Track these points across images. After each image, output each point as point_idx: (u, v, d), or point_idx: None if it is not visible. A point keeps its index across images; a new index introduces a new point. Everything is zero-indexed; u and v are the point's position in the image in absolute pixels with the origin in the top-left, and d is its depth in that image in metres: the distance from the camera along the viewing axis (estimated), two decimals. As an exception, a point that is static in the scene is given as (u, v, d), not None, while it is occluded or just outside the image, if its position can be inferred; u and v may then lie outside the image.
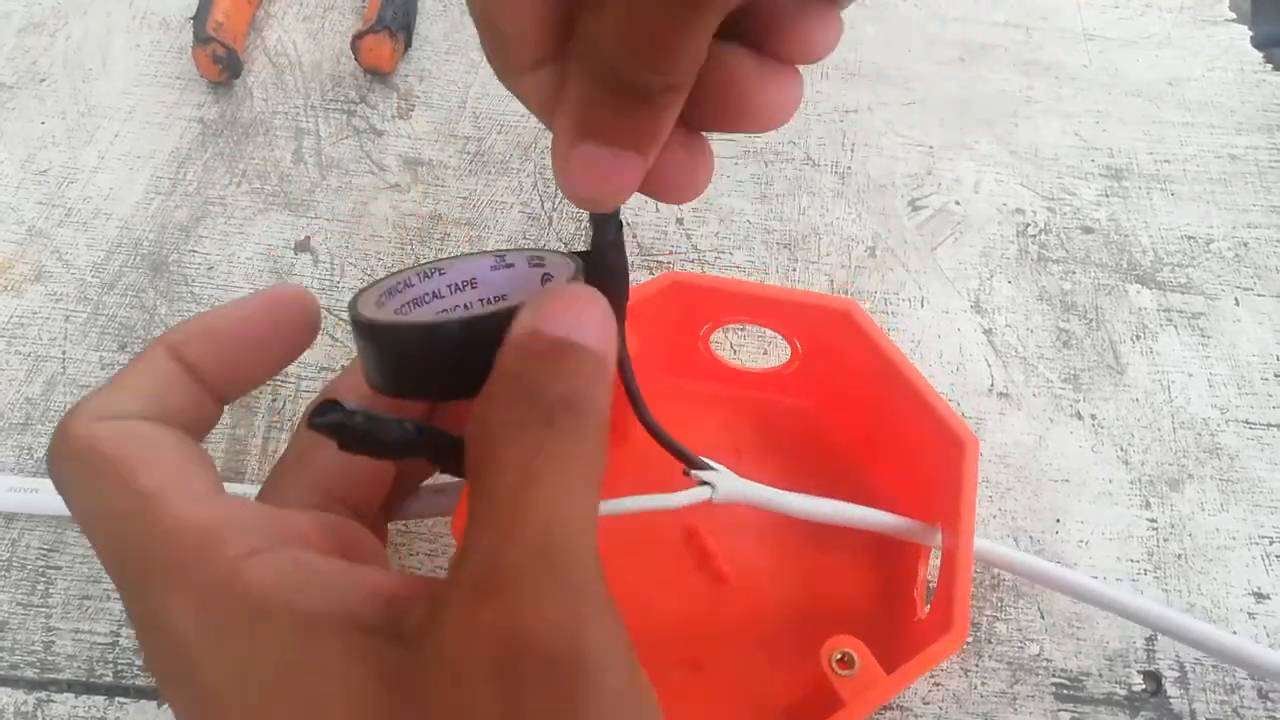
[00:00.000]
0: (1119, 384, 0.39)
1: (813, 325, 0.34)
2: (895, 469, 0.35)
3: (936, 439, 0.31)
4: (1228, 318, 0.41)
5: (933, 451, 0.31)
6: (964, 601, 0.28)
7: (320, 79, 0.49)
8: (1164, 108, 0.48)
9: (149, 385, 0.22)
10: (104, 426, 0.21)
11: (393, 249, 0.43)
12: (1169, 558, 0.35)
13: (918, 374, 0.31)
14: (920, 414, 0.31)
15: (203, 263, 0.43)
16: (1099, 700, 0.33)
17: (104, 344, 0.41)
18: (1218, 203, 0.44)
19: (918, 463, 0.32)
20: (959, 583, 0.28)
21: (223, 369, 0.23)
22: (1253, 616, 0.34)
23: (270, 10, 0.52)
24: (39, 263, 0.43)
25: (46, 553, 0.36)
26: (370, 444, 0.18)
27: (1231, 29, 0.51)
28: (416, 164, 0.46)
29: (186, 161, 0.46)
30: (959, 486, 0.29)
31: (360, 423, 0.18)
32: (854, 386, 0.34)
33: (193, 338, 0.23)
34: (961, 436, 0.30)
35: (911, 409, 0.31)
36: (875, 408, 0.34)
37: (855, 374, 0.33)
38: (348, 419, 0.17)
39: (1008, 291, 0.42)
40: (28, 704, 0.33)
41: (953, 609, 0.28)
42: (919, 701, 0.33)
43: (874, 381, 0.33)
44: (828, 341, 0.34)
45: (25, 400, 0.39)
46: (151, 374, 0.22)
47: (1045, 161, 0.46)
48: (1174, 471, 0.37)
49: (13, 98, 0.48)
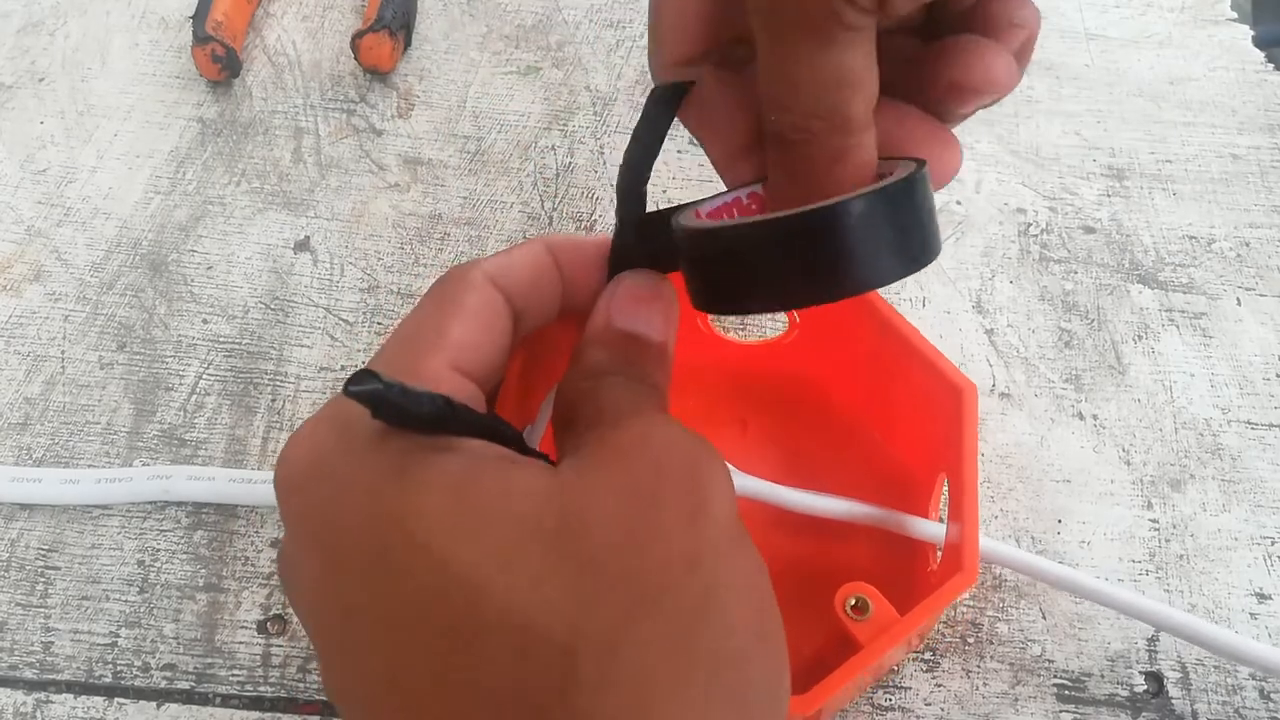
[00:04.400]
0: (1121, 384, 0.39)
1: None
2: (898, 425, 0.35)
3: (935, 389, 0.31)
4: (1229, 318, 0.41)
5: (933, 402, 0.31)
6: (973, 543, 0.28)
7: (320, 78, 0.49)
8: (1165, 107, 0.48)
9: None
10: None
11: (392, 248, 0.43)
12: (1171, 558, 0.35)
13: (913, 329, 0.32)
14: (918, 366, 0.32)
15: (202, 262, 0.43)
16: (1100, 701, 0.32)
17: (103, 344, 0.40)
18: (1219, 202, 0.44)
19: (919, 416, 0.33)
20: (967, 526, 0.28)
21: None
22: (1254, 617, 0.34)
23: (270, 9, 0.51)
24: (38, 262, 0.43)
25: (46, 553, 0.36)
26: (403, 415, 0.19)
27: (1233, 29, 0.51)
28: (416, 163, 0.46)
29: (186, 161, 0.46)
30: (960, 433, 0.30)
31: (395, 394, 0.18)
32: (852, 349, 0.35)
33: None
34: (959, 384, 0.30)
35: (909, 363, 0.32)
36: (874, 367, 0.34)
37: (852, 337, 0.34)
38: (385, 389, 0.18)
39: (1009, 291, 0.42)
40: (27, 704, 0.33)
41: (962, 551, 0.28)
42: (920, 702, 0.32)
43: (871, 341, 0.33)
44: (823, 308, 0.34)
45: (24, 400, 0.39)
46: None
47: (1046, 161, 0.46)
48: (1176, 472, 0.37)
49: (12, 97, 0.48)
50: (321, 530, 0.19)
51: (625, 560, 0.18)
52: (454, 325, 0.21)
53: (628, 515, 0.18)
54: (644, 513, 0.18)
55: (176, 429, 0.38)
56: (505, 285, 0.23)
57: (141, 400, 0.39)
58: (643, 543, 0.18)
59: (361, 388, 0.18)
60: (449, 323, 0.21)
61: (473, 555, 0.17)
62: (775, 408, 0.37)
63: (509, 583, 0.17)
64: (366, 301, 0.42)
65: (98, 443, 0.38)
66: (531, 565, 0.17)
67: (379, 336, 0.41)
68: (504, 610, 0.17)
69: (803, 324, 0.36)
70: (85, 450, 0.38)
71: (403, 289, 0.42)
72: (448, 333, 0.21)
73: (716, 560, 0.19)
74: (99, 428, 0.38)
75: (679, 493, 0.19)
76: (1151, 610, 0.32)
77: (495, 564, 0.17)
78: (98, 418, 0.39)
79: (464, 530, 0.18)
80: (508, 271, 0.23)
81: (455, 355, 0.21)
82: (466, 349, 0.21)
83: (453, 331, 0.21)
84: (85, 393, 0.39)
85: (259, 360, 0.40)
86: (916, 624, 0.27)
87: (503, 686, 0.17)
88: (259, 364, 0.40)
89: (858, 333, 0.33)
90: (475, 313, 0.22)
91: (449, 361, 0.21)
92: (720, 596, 0.18)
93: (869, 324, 0.33)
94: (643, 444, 0.19)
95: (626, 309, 0.23)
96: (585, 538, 0.18)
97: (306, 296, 0.42)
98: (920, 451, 0.34)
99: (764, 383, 0.38)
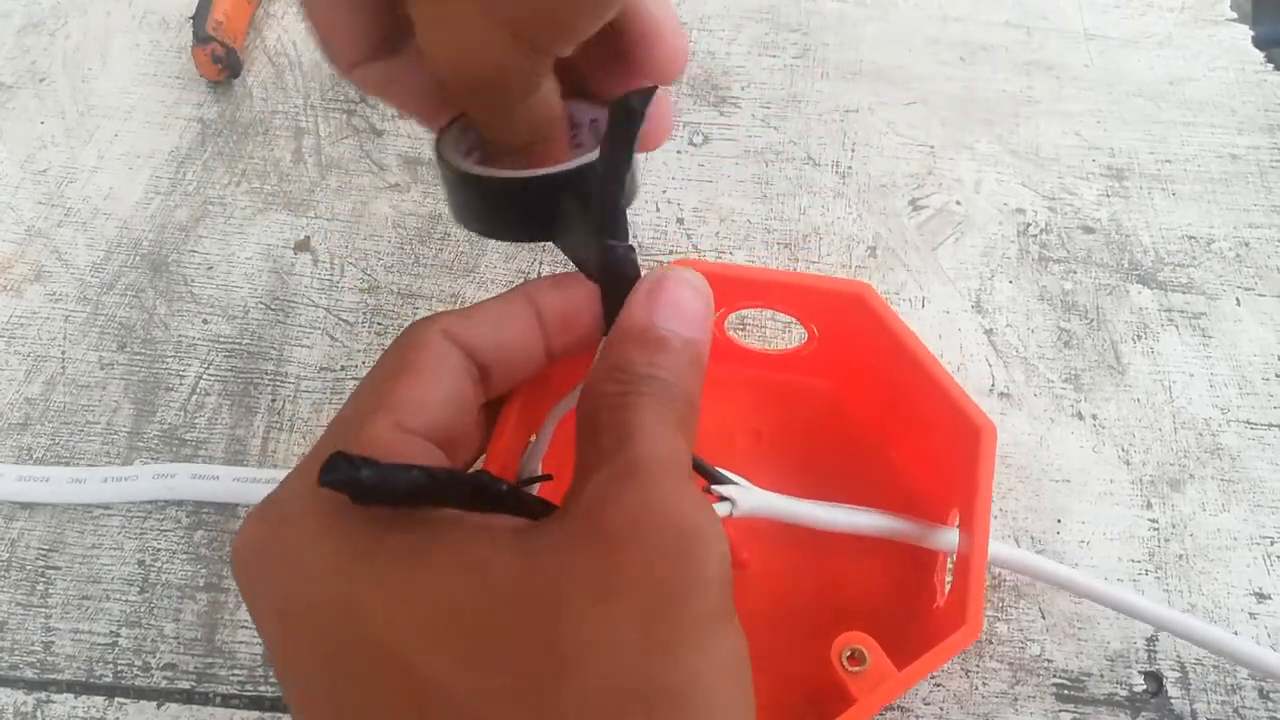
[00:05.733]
0: (1120, 384, 0.39)
1: (827, 309, 0.34)
2: (912, 449, 0.35)
3: (953, 424, 0.31)
4: (1229, 318, 0.41)
5: (949, 435, 0.31)
6: (978, 596, 0.27)
7: (320, 78, 0.49)
8: (1165, 107, 0.48)
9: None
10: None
11: (392, 248, 0.43)
12: (1170, 558, 0.35)
13: (933, 358, 0.31)
14: (936, 398, 0.31)
15: (202, 262, 0.43)
16: (1100, 701, 0.32)
17: (103, 344, 0.41)
18: (1219, 203, 0.44)
19: (934, 444, 0.32)
20: (973, 577, 0.28)
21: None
22: (1254, 617, 0.34)
23: (270, 9, 0.51)
24: (38, 262, 0.43)
25: (46, 552, 0.36)
26: (382, 494, 0.18)
27: (1233, 29, 0.51)
28: (416, 163, 0.46)
29: (186, 161, 0.46)
30: (975, 474, 0.29)
31: (368, 476, 0.18)
32: (870, 367, 0.34)
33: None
34: (978, 423, 0.30)
35: (927, 393, 0.31)
36: (892, 389, 0.34)
37: (871, 355, 0.33)
38: (354, 473, 0.17)
39: (1009, 291, 0.42)
40: (27, 704, 0.33)
41: (966, 604, 0.27)
42: (920, 702, 0.33)
43: (889, 364, 0.33)
44: (843, 324, 0.34)
45: (24, 400, 0.39)
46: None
47: (1046, 161, 0.46)
48: (1175, 472, 0.37)
49: (12, 97, 0.48)
50: (275, 612, 0.19)
51: (597, 656, 0.17)
52: (398, 385, 0.21)
53: (602, 604, 0.17)
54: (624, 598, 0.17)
55: (177, 429, 0.38)
56: (466, 340, 0.23)
57: (142, 400, 0.39)
58: (615, 639, 0.17)
59: (336, 477, 0.17)
60: (393, 383, 0.21)
61: (422, 647, 0.17)
62: (790, 419, 0.37)
63: (464, 682, 0.17)
64: (366, 302, 0.42)
65: (98, 443, 0.38)
66: (486, 658, 0.17)
67: (379, 337, 0.41)
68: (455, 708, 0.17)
69: (822, 336, 0.35)
70: (85, 450, 0.38)
71: (403, 289, 0.42)
72: (392, 393, 0.21)
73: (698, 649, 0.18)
74: (99, 428, 0.38)
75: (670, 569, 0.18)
76: (1150, 610, 0.32)
77: (447, 659, 0.17)
78: (98, 418, 0.39)
79: (413, 621, 0.17)
80: (469, 327, 0.23)
81: (401, 416, 0.21)
82: (413, 408, 0.21)
83: (396, 391, 0.21)
84: (85, 393, 0.39)
85: (259, 360, 0.40)
86: (913, 682, 0.27)
87: None
88: (259, 364, 0.40)
89: (877, 352, 0.33)
90: (422, 371, 0.22)
91: (394, 423, 0.21)
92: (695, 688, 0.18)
93: (888, 345, 0.32)
94: (636, 522, 0.18)
95: (667, 307, 0.22)
96: (552, 628, 0.17)
97: (306, 297, 0.42)
98: (935, 478, 0.33)
99: (780, 393, 0.37)
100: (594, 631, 0.17)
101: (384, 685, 0.17)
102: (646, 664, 0.17)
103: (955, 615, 0.28)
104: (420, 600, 0.18)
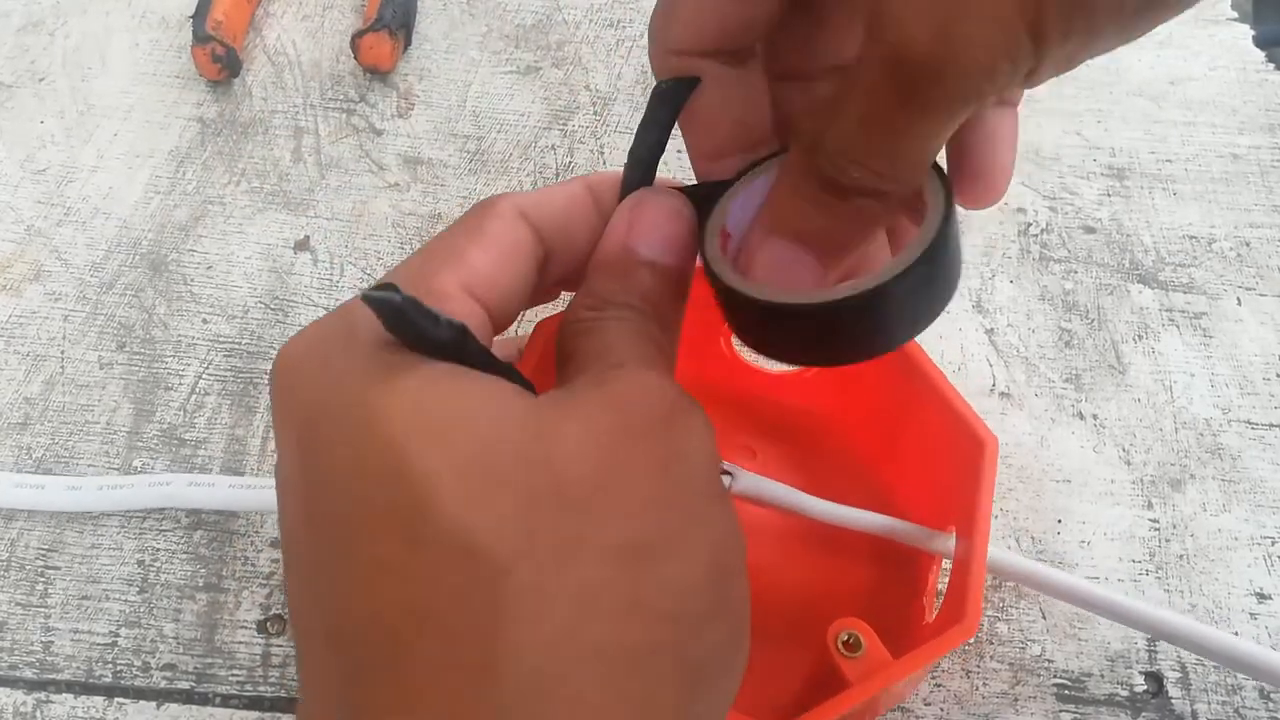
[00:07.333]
0: (1121, 384, 0.39)
1: None
2: (911, 471, 0.35)
3: (956, 437, 0.30)
4: (1230, 317, 0.41)
5: (950, 451, 0.31)
6: (977, 595, 0.27)
7: (320, 78, 0.49)
8: (1166, 107, 0.48)
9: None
10: None
11: (392, 248, 0.43)
12: (1171, 558, 0.35)
13: (939, 372, 0.31)
14: (940, 412, 0.31)
15: (202, 262, 0.43)
16: (1100, 701, 0.32)
17: (102, 343, 0.40)
18: (1220, 202, 0.44)
19: (934, 463, 0.32)
20: (973, 578, 0.28)
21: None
22: (1254, 617, 0.34)
23: (269, 9, 0.51)
24: (38, 262, 0.43)
25: (45, 553, 0.36)
26: (415, 333, 0.18)
27: (1233, 28, 0.51)
28: (416, 163, 0.46)
29: (185, 161, 0.46)
30: (976, 485, 0.29)
31: (412, 309, 0.18)
32: (873, 387, 0.34)
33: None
34: (981, 435, 0.30)
35: (931, 407, 0.31)
36: (894, 408, 0.34)
37: (875, 373, 0.33)
38: (404, 302, 0.18)
39: (1009, 291, 0.42)
40: (27, 704, 0.33)
41: (965, 601, 0.27)
42: (920, 703, 0.32)
43: (894, 381, 0.32)
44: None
45: (24, 400, 0.39)
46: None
47: (1047, 161, 0.46)
48: (1176, 472, 0.37)
49: (12, 97, 0.48)
50: (301, 410, 0.19)
51: (585, 494, 0.17)
52: (472, 249, 0.21)
53: (598, 452, 0.18)
54: (615, 452, 0.18)
55: (176, 429, 0.38)
56: (535, 220, 0.22)
57: (141, 400, 0.39)
58: (607, 481, 0.18)
59: (379, 294, 0.17)
60: (468, 246, 0.21)
61: (433, 463, 0.17)
62: (786, 440, 0.37)
63: (462, 495, 0.17)
64: (366, 301, 0.41)
65: (97, 442, 0.38)
66: (488, 482, 0.17)
67: (379, 336, 0.41)
68: (452, 522, 0.17)
69: None
70: (85, 450, 0.38)
71: (403, 289, 0.42)
72: (464, 254, 0.21)
73: (685, 512, 0.18)
74: (99, 427, 0.38)
75: (656, 438, 0.19)
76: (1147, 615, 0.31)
77: (453, 475, 0.17)
78: (97, 417, 0.39)
79: (431, 436, 0.17)
80: (539, 207, 0.22)
81: (469, 277, 0.21)
82: (481, 274, 0.21)
83: (470, 254, 0.21)
84: (85, 393, 0.39)
85: (259, 360, 0.40)
86: (910, 669, 0.27)
87: (438, 600, 0.17)
88: (259, 364, 0.40)
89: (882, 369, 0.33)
90: (496, 240, 0.21)
91: (461, 282, 0.21)
92: (679, 550, 0.18)
93: (893, 360, 0.32)
94: (629, 387, 0.19)
95: (646, 233, 0.22)
96: (548, 466, 0.17)
97: (306, 296, 0.42)
98: (930, 502, 0.33)
99: (777, 413, 0.37)
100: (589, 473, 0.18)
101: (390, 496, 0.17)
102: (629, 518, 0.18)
103: (953, 614, 0.28)
104: (432, 410, 0.18)
